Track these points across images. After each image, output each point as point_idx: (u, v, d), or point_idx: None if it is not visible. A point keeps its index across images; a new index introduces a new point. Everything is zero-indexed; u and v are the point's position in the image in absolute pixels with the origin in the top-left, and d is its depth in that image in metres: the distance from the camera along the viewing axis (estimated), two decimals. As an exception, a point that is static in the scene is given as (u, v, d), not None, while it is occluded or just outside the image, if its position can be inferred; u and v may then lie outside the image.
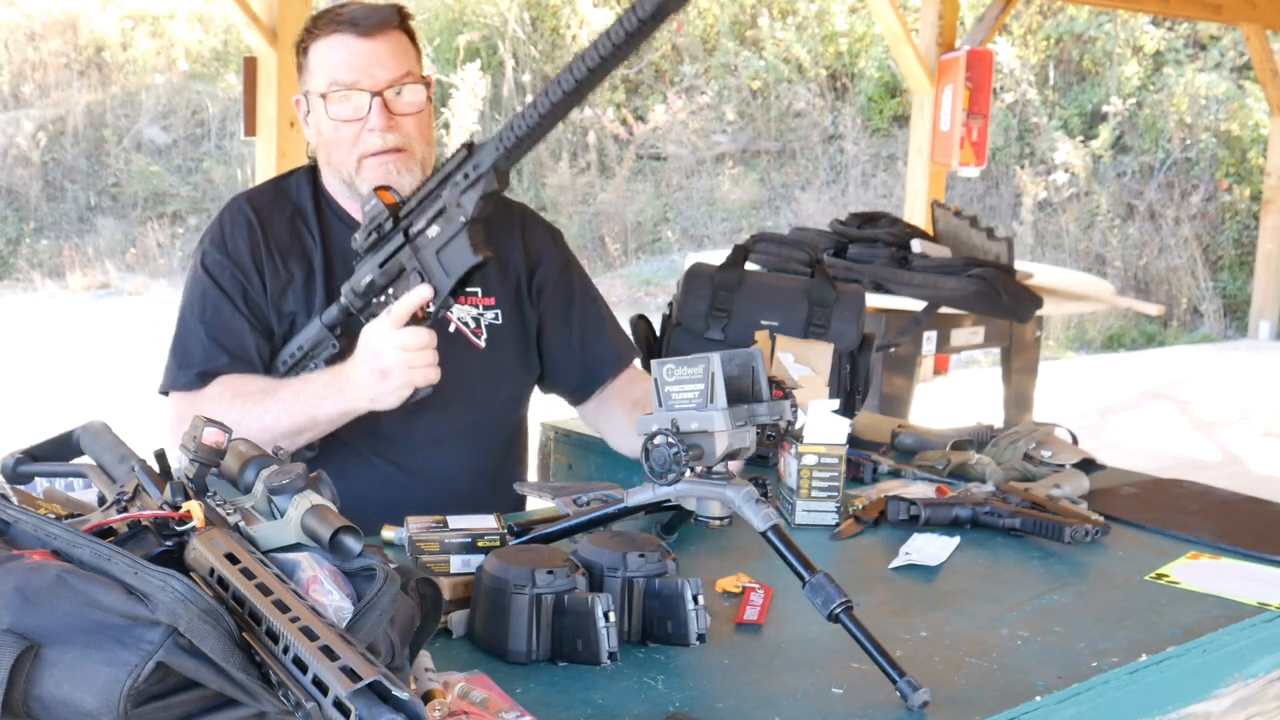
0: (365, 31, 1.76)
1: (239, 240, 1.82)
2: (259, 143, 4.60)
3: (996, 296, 3.96)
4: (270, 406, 1.70)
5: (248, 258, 1.81)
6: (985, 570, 1.59)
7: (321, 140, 1.82)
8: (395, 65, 1.77)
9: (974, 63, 6.65)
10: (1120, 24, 11.44)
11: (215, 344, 1.78)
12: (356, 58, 1.76)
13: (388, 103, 1.76)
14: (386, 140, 1.76)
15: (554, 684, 1.20)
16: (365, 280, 1.67)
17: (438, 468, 1.83)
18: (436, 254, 1.59)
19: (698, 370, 1.25)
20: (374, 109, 1.75)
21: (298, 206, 1.87)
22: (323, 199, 1.89)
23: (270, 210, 1.85)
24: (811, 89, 12.00)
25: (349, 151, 1.78)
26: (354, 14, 1.78)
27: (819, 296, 2.22)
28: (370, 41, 1.76)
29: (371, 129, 1.76)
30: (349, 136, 1.78)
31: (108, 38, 11.95)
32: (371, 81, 1.75)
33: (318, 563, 0.97)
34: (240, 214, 1.85)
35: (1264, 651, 1.43)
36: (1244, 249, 10.31)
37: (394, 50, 1.78)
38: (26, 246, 10.34)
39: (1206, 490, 1.97)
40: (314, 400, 1.68)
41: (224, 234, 1.84)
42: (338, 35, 1.77)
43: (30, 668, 0.86)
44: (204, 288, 1.81)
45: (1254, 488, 2.12)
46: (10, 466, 1.23)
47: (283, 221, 1.85)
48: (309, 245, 1.84)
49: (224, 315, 1.79)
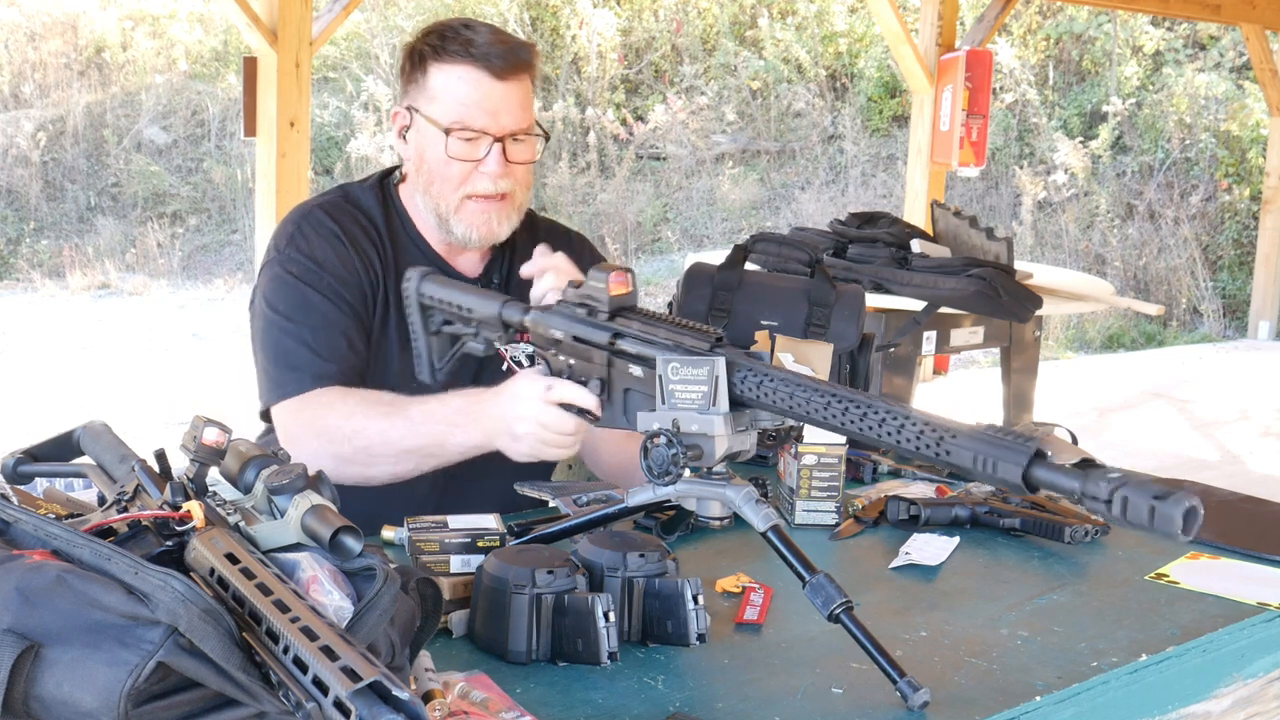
0: (501, 73, 1.71)
1: (326, 250, 1.76)
2: (259, 143, 4.60)
3: (996, 296, 3.96)
4: (396, 422, 1.63)
5: (339, 266, 1.76)
6: (985, 570, 1.59)
7: (423, 165, 1.77)
8: (523, 115, 1.74)
9: (974, 63, 6.65)
10: (1120, 24, 11.44)
11: (324, 350, 1.72)
12: (488, 99, 1.71)
13: (506, 150, 1.73)
14: (498, 186, 1.73)
15: (554, 684, 1.20)
16: (554, 333, 1.47)
17: (475, 497, 1.78)
18: (625, 391, 1.40)
19: (702, 372, 1.25)
20: (493, 154, 1.72)
21: (370, 219, 1.82)
22: (395, 214, 1.84)
23: (347, 221, 1.80)
24: (811, 89, 12.00)
25: (455, 188, 1.74)
26: (490, 48, 1.71)
27: (819, 296, 2.23)
28: (503, 85, 1.72)
29: (484, 173, 1.72)
30: (459, 174, 1.74)
31: (108, 38, 11.95)
32: (497, 128, 1.72)
33: (318, 563, 0.97)
34: (321, 224, 1.79)
35: (1264, 651, 1.43)
36: (1244, 249, 10.30)
37: (522, 98, 1.74)
38: (26, 246, 10.34)
39: (1206, 490, 1.97)
40: (446, 426, 1.61)
41: (308, 242, 1.77)
42: (471, 68, 1.71)
43: (30, 667, 0.86)
44: (302, 294, 1.75)
45: (1254, 488, 2.12)
46: (10, 466, 1.23)
47: (359, 233, 1.80)
48: (377, 262, 1.80)
49: (331, 321, 1.74)
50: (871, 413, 1.12)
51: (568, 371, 1.47)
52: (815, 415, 1.16)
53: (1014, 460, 1.02)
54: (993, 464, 1.03)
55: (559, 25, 12.31)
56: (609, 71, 12.18)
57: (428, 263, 1.79)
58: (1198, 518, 0.95)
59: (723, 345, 1.29)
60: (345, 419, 1.65)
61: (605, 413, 1.43)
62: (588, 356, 1.43)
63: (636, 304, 1.44)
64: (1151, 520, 0.95)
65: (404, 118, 1.79)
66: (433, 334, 1.65)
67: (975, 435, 1.05)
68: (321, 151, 11.05)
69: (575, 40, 12.19)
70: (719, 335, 1.30)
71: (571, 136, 11.86)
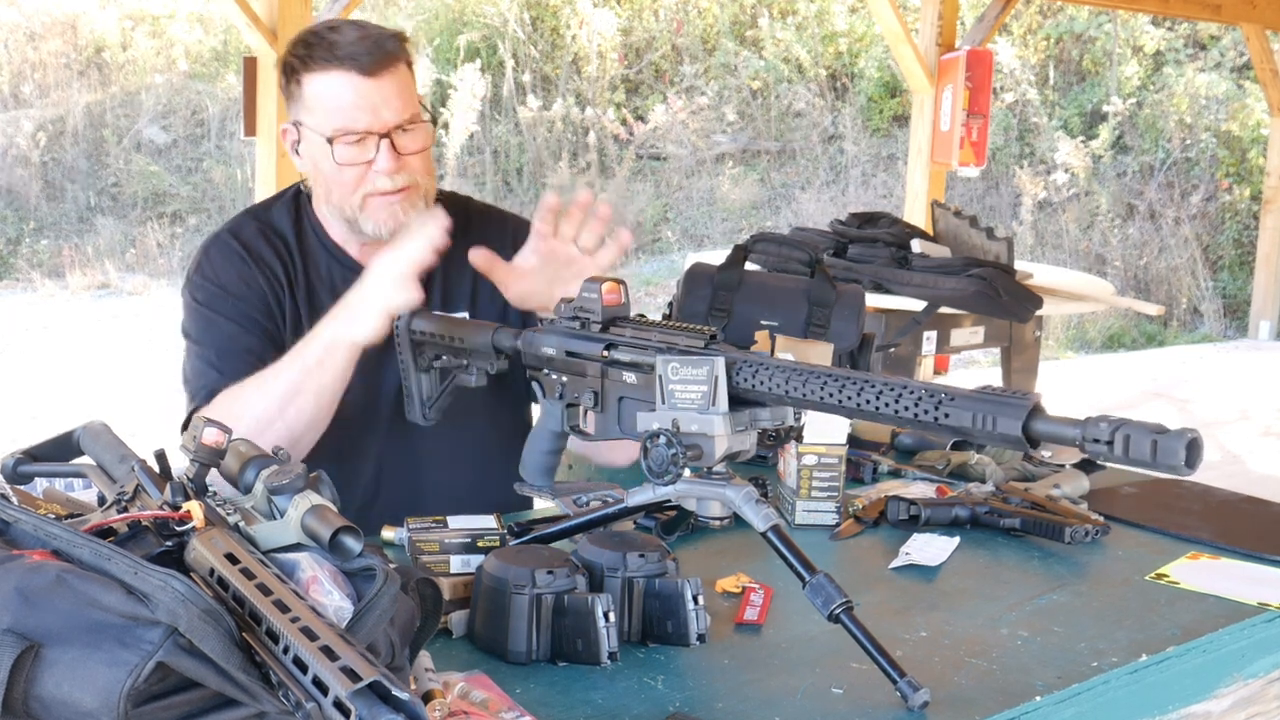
0: (369, 70, 1.68)
1: (229, 272, 1.79)
2: (259, 143, 4.61)
3: (996, 296, 3.96)
4: (267, 375, 1.66)
5: (241, 286, 1.78)
6: (985, 570, 1.59)
7: (319, 176, 1.76)
8: (402, 106, 1.70)
9: (974, 63, 6.66)
10: (1120, 24, 11.44)
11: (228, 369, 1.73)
12: (363, 99, 1.68)
13: (395, 143, 1.70)
14: (395, 181, 1.71)
15: (554, 684, 1.20)
16: (546, 351, 1.48)
17: (446, 489, 1.82)
18: (619, 400, 1.40)
19: (702, 372, 1.25)
20: (382, 151, 1.69)
21: (278, 234, 1.84)
22: (307, 227, 1.85)
23: (252, 239, 1.82)
24: (811, 89, 12.00)
25: (353, 191, 1.73)
26: (354, 48, 1.68)
27: (819, 296, 2.23)
28: (376, 81, 1.68)
29: (379, 171, 1.70)
30: (353, 177, 1.72)
31: (108, 38, 11.95)
32: (380, 125, 1.69)
33: (318, 563, 0.97)
34: (226, 248, 1.81)
35: (1264, 651, 1.43)
36: (1244, 249, 10.31)
37: (399, 89, 1.71)
38: (26, 246, 10.34)
39: (1206, 490, 1.97)
40: (301, 345, 1.66)
41: (213, 267, 1.80)
42: (339, 73, 1.68)
43: (30, 668, 0.86)
44: (207, 319, 1.78)
45: (1254, 488, 2.12)
46: (10, 466, 1.23)
47: (264, 248, 1.81)
48: (282, 274, 1.81)
49: (234, 341, 1.76)
50: (869, 387, 1.13)
51: (560, 389, 1.47)
52: (814, 398, 1.17)
53: (1013, 415, 1.03)
54: (992, 420, 1.04)
55: (559, 25, 12.31)
56: (609, 71, 12.18)
57: (341, 269, 1.81)
58: (1200, 449, 0.95)
59: (717, 343, 1.29)
60: (230, 403, 1.66)
61: (600, 423, 1.43)
62: (581, 370, 1.44)
63: (629, 314, 1.44)
64: (1154, 455, 0.95)
65: (292, 133, 1.77)
66: (423, 371, 1.67)
67: (973, 395, 1.07)
68: (321, 151, 11.03)
69: (575, 40, 12.19)
70: (713, 333, 1.31)
71: (571, 136, 11.86)
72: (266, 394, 1.65)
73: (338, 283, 1.79)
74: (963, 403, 1.06)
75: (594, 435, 1.44)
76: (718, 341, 1.30)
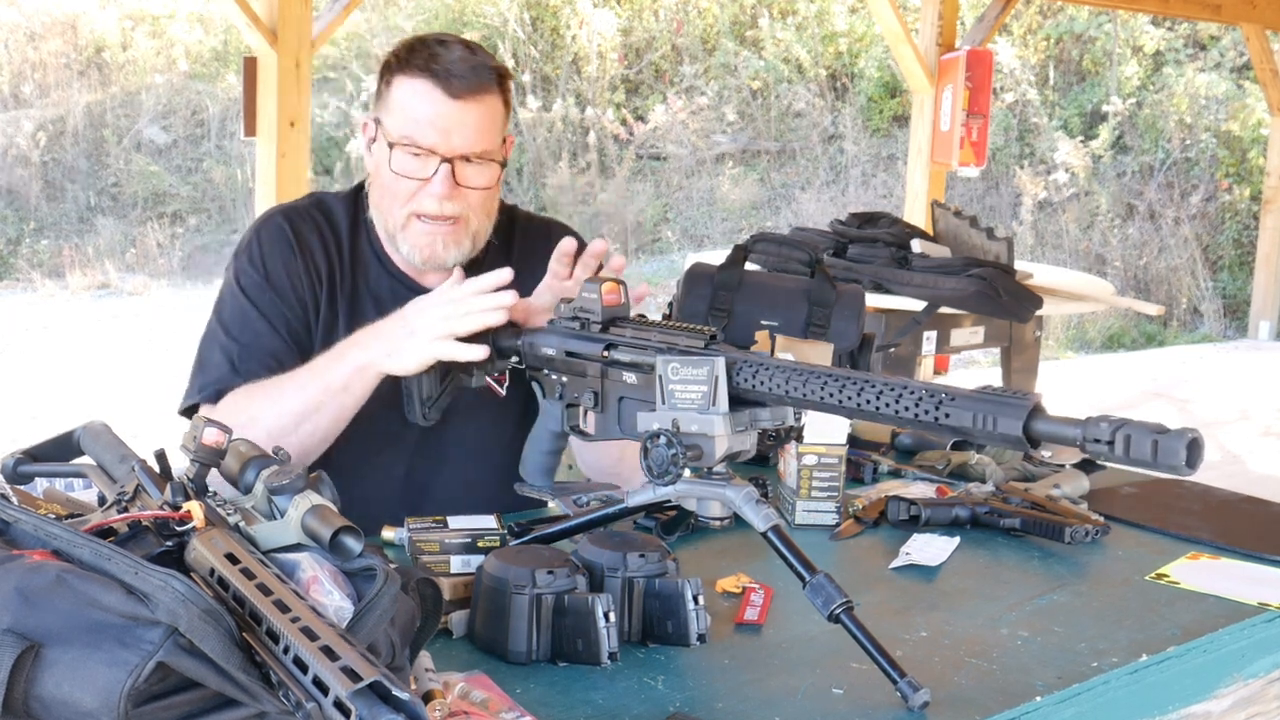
0: (457, 92, 1.64)
1: (275, 260, 1.75)
2: (259, 143, 4.60)
3: (996, 296, 3.96)
4: (285, 387, 1.63)
5: (284, 278, 1.74)
6: (985, 570, 1.59)
7: (377, 179, 1.73)
8: (477, 139, 1.66)
9: (974, 63, 6.66)
10: (1120, 24, 11.44)
11: (243, 368, 1.70)
12: (440, 117, 1.64)
13: (456, 171, 1.66)
14: (444, 208, 1.67)
15: (554, 684, 1.20)
16: (546, 351, 1.48)
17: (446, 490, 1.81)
18: (619, 400, 1.41)
19: (702, 372, 1.25)
20: (440, 174, 1.65)
21: (334, 229, 1.80)
22: (363, 229, 1.81)
23: (306, 229, 1.78)
24: (811, 89, 12.00)
25: (402, 205, 1.69)
26: (452, 66, 1.65)
27: (819, 296, 2.23)
28: (459, 105, 1.64)
29: (430, 193, 1.66)
30: (406, 190, 1.68)
31: (108, 38, 11.95)
32: (446, 148, 1.65)
33: (318, 563, 0.97)
34: (278, 231, 1.77)
35: (1264, 651, 1.43)
36: (1244, 249, 10.31)
37: (480, 122, 1.67)
38: (26, 246, 10.34)
39: (1206, 490, 1.97)
40: (326, 363, 1.61)
41: (261, 251, 1.76)
42: (426, 84, 1.65)
43: (30, 668, 0.86)
44: (243, 309, 1.74)
45: (1254, 488, 2.12)
46: (10, 466, 1.23)
47: (315, 242, 1.78)
48: (326, 272, 1.77)
49: (262, 342, 1.73)
50: (869, 387, 1.13)
51: (560, 389, 1.47)
52: (814, 398, 1.17)
53: (1014, 415, 1.03)
54: (993, 420, 1.04)
55: (559, 25, 12.31)
56: (609, 71, 12.18)
57: (391, 281, 1.78)
58: (1201, 449, 0.95)
59: (717, 343, 1.29)
60: (242, 408, 1.63)
61: (600, 424, 1.43)
62: (580, 370, 1.44)
63: (629, 314, 1.44)
64: (1155, 455, 0.95)
65: (370, 129, 1.75)
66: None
67: (973, 395, 1.07)
68: (321, 151, 11.05)
69: (575, 40, 12.19)
70: (713, 333, 1.31)
71: (571, 136, 11.86)
72: (282, 408, 1.62)
73: (385, 297, 1.75)
74: (963, 403, 1.06)
75: (594, 435, 1.45)
76: (718, 341, 1.30)
